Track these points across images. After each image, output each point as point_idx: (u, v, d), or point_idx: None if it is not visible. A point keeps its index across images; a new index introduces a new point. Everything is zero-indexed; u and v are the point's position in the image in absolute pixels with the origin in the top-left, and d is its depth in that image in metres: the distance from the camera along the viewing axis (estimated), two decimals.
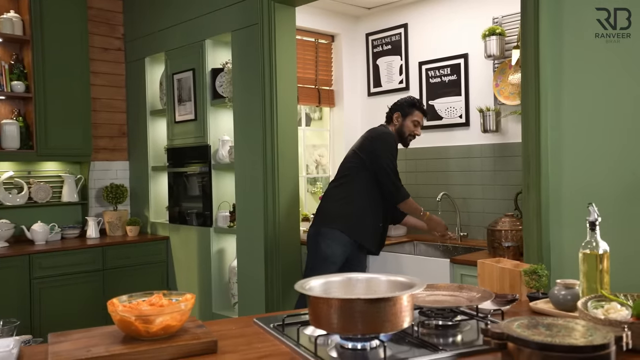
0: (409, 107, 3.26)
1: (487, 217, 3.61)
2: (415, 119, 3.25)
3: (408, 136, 3.27)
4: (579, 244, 2.29)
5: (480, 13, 3.71)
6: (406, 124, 3.25)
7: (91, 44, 4.50)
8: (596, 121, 2.28)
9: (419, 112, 3.27)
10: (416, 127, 3.27)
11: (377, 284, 1.41)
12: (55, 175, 4.43)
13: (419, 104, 3.30)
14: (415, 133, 3.28)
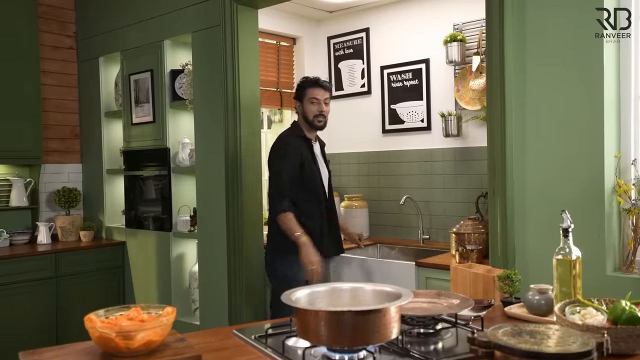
0: (301, 90, 3.03)
1: (449, 220, 3.67)
2: (311, 97, 2.97)
3: (314, 118, 2.98)
4: (542, 246, 2.38)
5: (441, 19, 3.78)
6: (306, 108, 2.99)
7: (40, 42, 4.31)
8: (558, 127, 2.35)
9: (312, 89, 2.99)
10: (316, 104, 2.97)
11: (362, 293, 1.41)
12: (3, 178, 4.22)
13: (309, 80, 3.05)
14: (320, 111, 2.97)
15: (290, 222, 2.85)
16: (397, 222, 4.05)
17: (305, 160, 2.96)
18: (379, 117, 4.18)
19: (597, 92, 2.23)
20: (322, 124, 3.00)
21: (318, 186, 3.01)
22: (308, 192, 2.97)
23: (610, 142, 2.26)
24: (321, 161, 3.10)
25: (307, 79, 3.05)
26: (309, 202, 2.97)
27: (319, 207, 3.00)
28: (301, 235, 2.83)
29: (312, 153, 3.03)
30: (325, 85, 3.01)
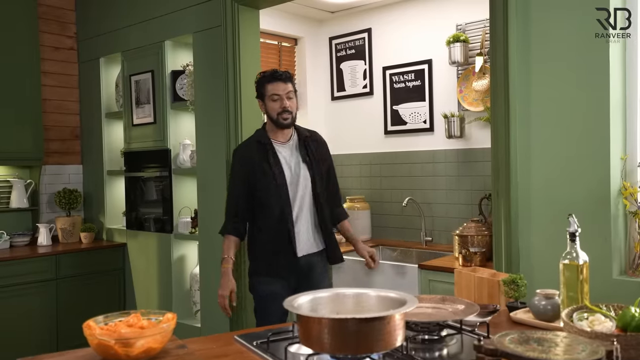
0: (259, 87, 2.66)
1: (451, 222, 3.65)
2: (271, 94, 2.59)
3: (278, 116, 2.59)
4: (547, 249, 2.36)
5: (444, 20, 3.75)
6: (268, 106, 2.62)
7: (41, 43, 4.29)
8: (563, 128, 2.32)
9: (270, 84, 2.61)
10: (278, 100, 2.58)
11: (366, 299, 1.38)
12: (3, 180, 4.20)
13: (266, 75, 2.65)
14: (283, 107, 2.58)
15: (223, 245, 2.65)
16: (399, 224, 4.02)
17: (255, 168, 2.61)
18: (381, 118, 4.15)
19: (603, 93, 2.20)
20: (288, 121, 2.61)
21: (274, 193, 2.58)
22: (261, 203, 2.62)
23: (616, 144, 2.23)
24: (292, 162, 2.64)
25: (263, 74, 2.68)
26: (263, 214, 2.62)
27: (279, 217, 2.58)
28: (224, 261, 2.61)
29: (273, 156, 2.61)
30: (285, 77, 2.62)
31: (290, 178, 2.61)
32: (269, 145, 2.63)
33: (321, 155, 2.72)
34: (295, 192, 2.61)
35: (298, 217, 2.61)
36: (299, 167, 2.65)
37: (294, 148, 2.69)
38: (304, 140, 2.70)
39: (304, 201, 2.62)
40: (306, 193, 2.63)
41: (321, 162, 2.70)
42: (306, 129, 2.77)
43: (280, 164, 2.61)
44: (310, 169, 2.65)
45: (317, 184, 2.64)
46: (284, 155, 2.64)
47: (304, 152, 2.67)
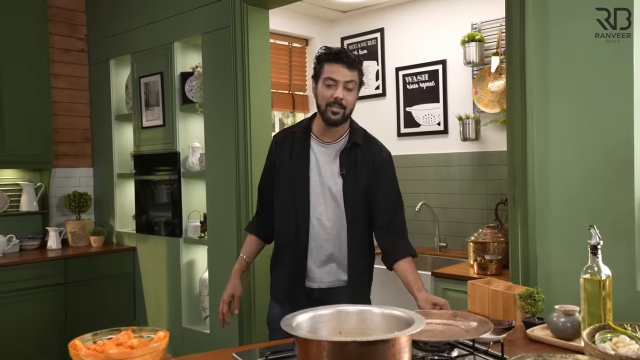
0: (317, 65, 2.07)
1: (466, 227, 3.54)
2: (326, 76, 1.99)
3: (326, 108, 1.99)
4: (567, 259, 2.24)
5: (459, 19, 3.65)
6: (319, 92, 2.02)
7: (51, 45, 4.27)
8: (584, 131, 2.21)
9: (329, 65, 2.00)
10: (333, 87, 1.98)
11: (370, 317, 1.29)
12: (13, 183, 4.18)
13: (327, 52, 2.05)
14: (336, 98, 1.96)
15: (245, 241, 2.26)
16: (412, 229, 3.87)
17: (281, 162, 2.12)
18: (393, 120, 4.06)
19: (626, 94, 2.09)
20: (337, 117, 1.98)
21: (290, 206, 2.07)
22: (281, 206, 2.12)
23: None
24: (326, 172, 2.06)
25: (326, 50, 2.07)
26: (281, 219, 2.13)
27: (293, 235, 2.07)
28: (237, 260, 2.21)
29: (304, 158, 2.07)
30: (351, 61, 2.01)
31: (314, 184, 2.04)
32: (305, 139, 2.07)
33: (370, 170, 2.06)
34: (317, 205, 2.04)
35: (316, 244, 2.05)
36: (330, 177, 2.04)
37: (335, 153, 2.06)
38: (352, 148, 2.05)
39: (324, 223, 2.05)
40: (331, 213, 2.06)
41: (365, 180, 2.04)
42: (367, 135, 2.15)
43: (309, 170, 2.04)
44: (345, 187, 2.03)
45: (351, 206, 2.03)
46: (319, 160, 2.05)
47: (345, 162, 2.04)
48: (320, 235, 2.04)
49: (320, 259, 2.05)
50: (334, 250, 2.05)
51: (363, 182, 2.04)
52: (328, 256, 2.05)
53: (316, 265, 2.05)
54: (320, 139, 2.07)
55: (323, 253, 2.05)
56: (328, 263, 2.06)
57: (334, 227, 2.04)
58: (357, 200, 2.04)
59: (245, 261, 2.19)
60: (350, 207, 2.03)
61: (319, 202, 2.03)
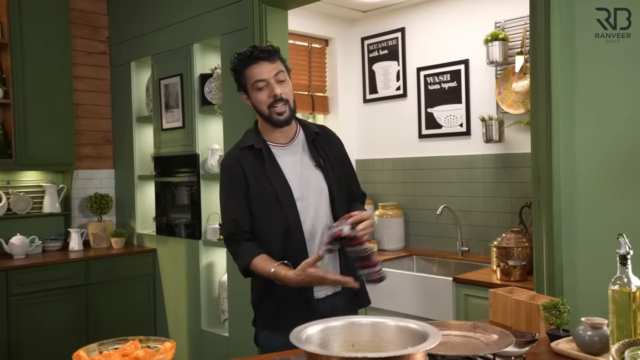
0: (238, 74, 1.90)
1: (489, 231, 3.45)
2: (254, 81, 1.85)
3: (270, 110, 1.86)
4: (594, 267, 2.15)
5: (481, 17, 3.56)
6: (255, 100, 1.88)
7: (74, 48, 4.30)
8: (612, 132, 2.12)
9: (250, 68, 1.86)
10: (265, 88, 1.85)
11: (384, 330, 1.23)
12: (36, 185, 4.22)
13: (242, 57, 1.88)
14: (274, 96, 1.84)
15: (259, 266, 1.84)
16: (434, 233, 3.84)
17: (249, 179, 1.88)
18: (415, 122, 3.98)
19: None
20: (285, 115, 1.86)
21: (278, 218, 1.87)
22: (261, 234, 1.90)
23: None
24: (299, 170, 1.93)
25: (238, 56, 1.90)
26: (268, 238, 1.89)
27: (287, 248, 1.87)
28: (276, 274, 1.79)
29: (272, 165, 1.89)
30: (269, 53, 1.87)
31: (299, 192, 1.89)
32: (265, 150, 1.90)
33: (338, 156, 2.02)
34: (307, 210, 1.89)
35: (312, 247, 1.87)
36: (309, 176, 1.93)
37: (299, 150, 1.96)
38: (314, 139, 1.98)
39: (319, 222, 1.90)
40: (322, 209, 1.91)
41: (337, 166, 1.99)
42: (314, 124, 2.07)
43: (283, 174, 1.89)
44: (327, 177, 1.93)
45: (336, 196, 1.93)
46: (286, 162, 1.92)
47: (316, 154, 1.95)
48: (316, 244, 1.87)
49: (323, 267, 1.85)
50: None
51: (338, 168, 1.98)
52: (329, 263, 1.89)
53: None
54: (276, 143, 1.94)
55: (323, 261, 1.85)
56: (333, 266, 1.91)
57: (327, 223, 1.90)
58: (339, 189, 1.96)
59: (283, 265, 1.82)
60: (336, 198, 1.93)
61: (308, 207, 1.89)
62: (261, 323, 1.95)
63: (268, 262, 1.82)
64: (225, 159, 1.97)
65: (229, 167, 1.92)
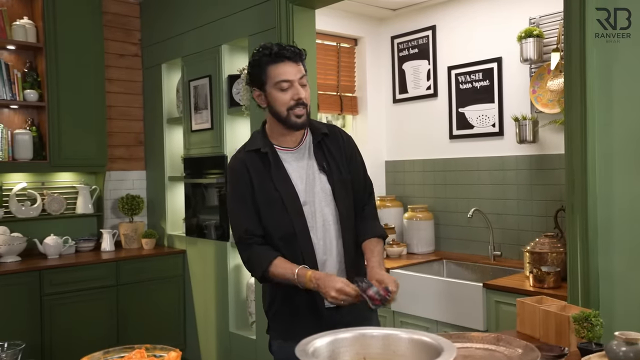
0: (257, 71, 1.83)
1: (523, 235, 3.33)
2: (278, 80, 1.78)
3: (289, 112, 1.80)
4: (631, 277, 2.03)
5: (515, 13, 3.43)
6: (273, 98, 1.81)
7: (106, 50, 4.36)
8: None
9: (275, 66, 1.79)
10: (289, 90, 1.78)
11: (396, 342, 1.17)
12: (70, 186, 4.30)
13: (268, 52, 1.80)
14: (299, 99, 1.78)
15: (279, 268, 1.79)
16: (465, 236, 3.73)
17: (255, 183, 1.84)
18: (446, 122, 3.88)
19: None
20: (303, 119, 1.81)
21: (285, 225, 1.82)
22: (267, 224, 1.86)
23: None
24: (305, 175, 1.88)
25: (263, 50, 1.82)
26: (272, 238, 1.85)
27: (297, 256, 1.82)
28: (299, 276, 1.73)
29: (278, 170, 1.85)
30: (296, 55, 1.81)
31: (305, 197, 1.84)
32: (272, 154, 1.86)
33: (343, 156, 1.93)
34: (314, 215, 1.84)
35: (325, 251, 1.84)
36: (314, 180, 1.87)
37: (306, 154, 1.90)
38: (321, 142, 1.91)
39: (328, 227, 1.86)
40: (328, 213, 1.86)
41: (345, 168, 1.92)
42: (324, 124, 1.99)
43: (290, 179, 1.84)
44: (331, 179, 1.87)
45: (341, 199, 1.87)
46: (293, 167, 1.87)
47: (321, 157, 1.89)
48: (326, 246, 1.85)
49: (335, 271, 1.85)
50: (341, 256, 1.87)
51: (345, 171, 1.91)
52: (340, 265, 1.86)
53: None
54: (284, 147, 1.89)
55: (335, 264, 1.86)
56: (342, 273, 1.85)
57: (334, 230, 1.86)
58: (345, 192, 1.90)
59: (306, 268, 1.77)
60: (341, 201, 1.87)
61: (316, 213, 1.84)
62: (275, 332, 1.91)
63: (289, 264, 1.78)
64: (232, 162, 1.93)
65: (235, 170, 1.89)
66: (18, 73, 3.93)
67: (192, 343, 4.18)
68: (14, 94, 3.89)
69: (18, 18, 3.95)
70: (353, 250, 1.89)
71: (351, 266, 1.87)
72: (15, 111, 4.04)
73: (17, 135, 3.90)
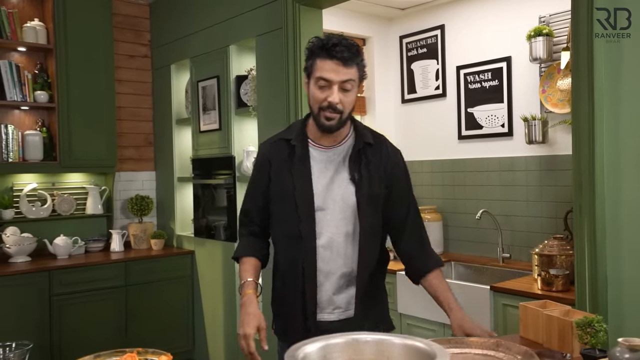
0: (309, 58, 1.71)
1: (533, 237, 3.28)
2: (318, 75, 1.66)
3: (319, 112, 1.69)
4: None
5: (524, 12, 3.38)
6: (311, 90, 1.71)
7: (116, 51, 4.38)
8: None
9: (321, 60, 1.66)
10: (326, 88, 1.66)
11: (389, 349, 1.14)
12: (80, 186, 4.32)
13: (319, 44, 1.67)
14: (329, 102, 1.66)
15: (241, 268, 1.81)
16: (474, 237, 3.68)
17: (273, 173, 1.78)
18: (454, 122, 3.83)
19: None
20: (332, 123, 1.69)
21: (291, 221, 1.74)
22: (277, 225, 1.81)
23: None
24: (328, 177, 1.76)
25: (320, 41, 1.69)
26: (283, 247, 1.79)
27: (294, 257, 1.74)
28: (243, 286, 1.76)
29: (302, 164, 1.75)
30: (347, 57, 1.64)
31: (321, 201, 1.73)
32: (301, 148, 1.76)
33: (381, 170, 1.78)
34: (326, 223, 1.73)
35: (330, 266, 1.73)
36: (339, 186, 1.74)
37: (340, 159, 1.77)
38: (361, 150, 1.77)
39: (340, 242, 1.73)
40: (343, 227, 1.74)
41: (379, 183, 1.76)
42: (373, 133, 1.85)
43: (310, 177, 1.74)
44: (359, 193, 1.73)
45: (366, 215, 1.73)
46: (320, 166, 1.76)
47: (355, 166, 1.75)
48: (332, 258, 1.73)
49: (336, 285, 1.74)
50: (349, 272, 1.74)
51: (378, 186, 1.76)
52: (344, 281, 1.74)
53: (331, 293, 1.73)
54: (319, 144, 1.77)
55: (338, 278, 1.73)
56: (345, 288, 1.75)
57: (347, 244, 1.74)
58: (373, 208, 1.75)
59: (257, 285, 1.77)
60: (365, 217, 1.73)
61: (328, 220, 1.72)
62: (276, 331, 1.88)
63: (247, 271, 1.77)
64: (259, 149, 1.90)
65: (260, 155, 1.86)
66: (29, 74, 3.96)
67: (201, 343, 4.19)
68: (25, 95, 3.92)
69: (29, 20, 3.99)
70: (367, 276, 1.76)
71: (363, 292, 1.75)
72: (26, 112, 4.08)
73: (27, 136, 3.93)
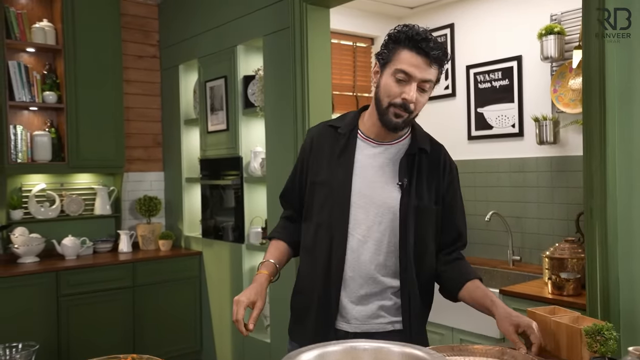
0: (392, 45, 1.55)
1: (544, 240, 3.21)
2: (399, 67, 1.52)
3: (389, 107, 1.55)
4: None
5: (536, 10, 3.32)
6: (385, 85, 1.56)
7: (125, 52, 4.38)
8: None
9: (407, 52, 1.51)
10: (403, 83, 1.52)
11: (387, 356, 1.11)
12: (88, 187, 4.33)
13: (407, 33, 1.52)
14: (405, 99, 1.52)
15: (268, 249, 1.77)
16: (484, 240, 3.62)
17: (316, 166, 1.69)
18: (464, 122, 3.78)
19: None
20: (399, 121, 1.56)
21: (327, 211, 1.63)
22: (312, 223, 1.68)
23: None
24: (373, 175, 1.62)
25: (406, 30, 1.54)
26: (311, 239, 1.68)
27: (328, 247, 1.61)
28: (260, 266, 1.69)
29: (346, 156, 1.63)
30: (436, 55, 1.51)
31: (359, 198, 1.60)
32: (350, 138, 1.65)
33: (440, 181, 1.66)
34: (358, 224, 1.60)
35: (355, 270, 1.59)
36: (380, 189, 1.61)
37: (390, 158, 1.64)
38: (416, 155, 1.63)
39: (368, 245, 1.60)
40: (375, 233, 1.60)
41: (429, 195, 1.62)
42: (433, 140, 1.73)
43: (352, 171, 1.61)
44: (403, 201, 1.59)
45: (408, 222, 1.58)
46: (367, 165, 1.63)
47: (406, 171, 1.61)
48: (361, 263, 1.59)
49: (359, 293, 1.60)
50: (378, 284, 1.60)
51: (428, 196, 1.61)
52: (369, 291, 1.60)
53: (352, 301, 1.60)
54: (370, 139, 1.65)
55: (362, 286, 1.59)
56: (369, 300, 1.60)
57: (381, 253, 1.59)
58: (421, 218, 1.60)
59: (275, 267, 1.67)
60: (408, 227, 1.57)
61: (363, 220, 1.59)
62: (289, 329, 1.78)
63: (270, 252, 1.73)
64: (309, 130, 1.81)
65: (307, 138, 1.78)
66: (37, 75, 3.97)
67: (208, 344, 4.17)
68: (34, 95, 3.93)
69: (37, 20, 3.99)
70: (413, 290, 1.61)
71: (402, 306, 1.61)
72: (35, 113, 4.09)
73: (36, 137, 3.94)
